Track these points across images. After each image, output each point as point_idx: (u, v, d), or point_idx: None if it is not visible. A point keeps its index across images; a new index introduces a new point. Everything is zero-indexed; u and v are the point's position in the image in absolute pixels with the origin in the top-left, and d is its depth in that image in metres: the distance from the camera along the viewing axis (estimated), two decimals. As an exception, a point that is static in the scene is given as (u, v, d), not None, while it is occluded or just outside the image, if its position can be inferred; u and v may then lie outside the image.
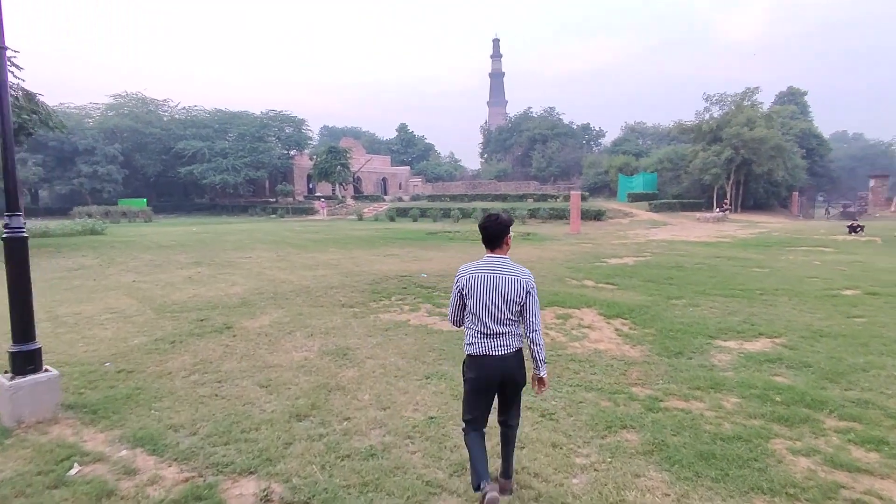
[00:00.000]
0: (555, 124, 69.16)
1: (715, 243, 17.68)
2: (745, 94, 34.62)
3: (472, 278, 2.83)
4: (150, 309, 7.38)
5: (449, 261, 12.70)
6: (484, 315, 2.80)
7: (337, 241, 18.90)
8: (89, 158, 42.98)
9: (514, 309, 2.81)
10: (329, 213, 42.20)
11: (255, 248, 16.40)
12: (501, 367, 2.81)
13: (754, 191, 38.50)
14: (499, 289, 2.79)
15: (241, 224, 33.32)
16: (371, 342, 5.88)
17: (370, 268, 11.57)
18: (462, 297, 2.88)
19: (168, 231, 25.33)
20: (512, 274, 2.82)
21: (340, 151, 48.11)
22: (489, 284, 2.80)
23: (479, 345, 2.82)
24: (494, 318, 2.79)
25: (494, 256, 2.88)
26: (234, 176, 47.61)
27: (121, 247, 16.42)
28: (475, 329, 2.83)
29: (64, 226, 22.80)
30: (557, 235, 21.26)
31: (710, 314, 7.47)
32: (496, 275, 2.81)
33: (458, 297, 2.91)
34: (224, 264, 12.34)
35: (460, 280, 2.88)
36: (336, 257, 13.72)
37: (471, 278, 2.84)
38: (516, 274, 2.83)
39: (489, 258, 2.89)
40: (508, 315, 2.80)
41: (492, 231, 2.88)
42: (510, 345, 2.83)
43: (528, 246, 16.89)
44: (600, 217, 28.54)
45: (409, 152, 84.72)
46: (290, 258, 13.54)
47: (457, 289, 2.90)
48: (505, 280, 2.80)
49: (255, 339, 5.94)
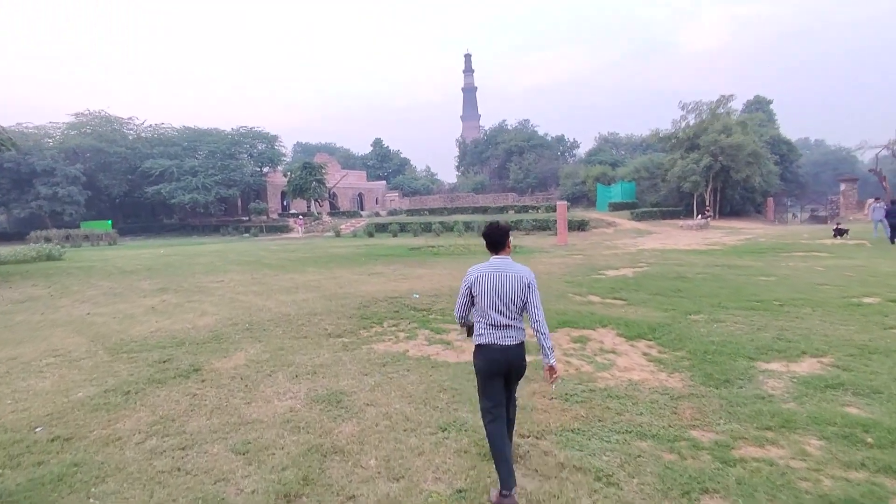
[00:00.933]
0: (530, 136, 69.41)
1: (707, 251, 17.25)
2: (720, 101, 34.95)
3: (482, 277, 3.21)
4: (102, 349, 6.31)
5: (439, 278, 11.83)
6: (491, 309, 3.15)
7: (316, 260, 17.85)
8: (48, 180, 40.78)
9: (517, 303, 3.17)
10: (306, 231, 40.91)
11: (229, 270, 15.25)
12: (507, 356, 3.17)
13: (731, 197, 38.78)
14: (503, 286, 3.16)
15: (213, 244, 31.85)
16: (368, 383, 4.96)
17: (356, 289, 10.62)
18: (471, 294, 3.24)
19: (133, 254, 23.83)
20: (514, 272, 3.20)
21: (315, 167, 46.98)
22: (495, 282, 3.17)
23: (488, 335, 3.17)
24: (501, 312, 3.15)
25: (499, 258, 3.27)
26: (205, 195, 45.90)
27: (78, 274, 15.06)
28: (484, 322, 3.19)
29: (17, 252, 21.14)
30: (545, 247, 20.62)
31: (738, 331, 6.78)
32: (501, 273, 3.19)
33: (466, 294, 3.27)
34: (193, 290, 11.23)
35: (469, 278, 3.26)
36: (317, 278, 12.71)
37: (479, 277, 3.21)
38: (518, 272, 3.21)
39: (494, 260, 3.27)
40: (513, 308, 3.16)
41: (495, 237, 3.31)
42: (514, 337, 3.20)
43: (517, 259, 16.09)
44: (584, 227, 28.11)
45: (385, 167, 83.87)
46: (267, 281, 12.48)
47: (466, 286, 3.27)
48: (509, 278, 3.17)
49: (229, 385, 4.96)
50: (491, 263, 3.26)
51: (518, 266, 3.25)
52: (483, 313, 3.19)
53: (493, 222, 3.40)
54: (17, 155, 40.06)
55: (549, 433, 3.92)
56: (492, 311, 3.15)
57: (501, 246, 3.30)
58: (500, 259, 3.27)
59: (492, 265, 3.24)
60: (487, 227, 3.36)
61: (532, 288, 3.20)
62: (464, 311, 3.34)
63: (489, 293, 3.16)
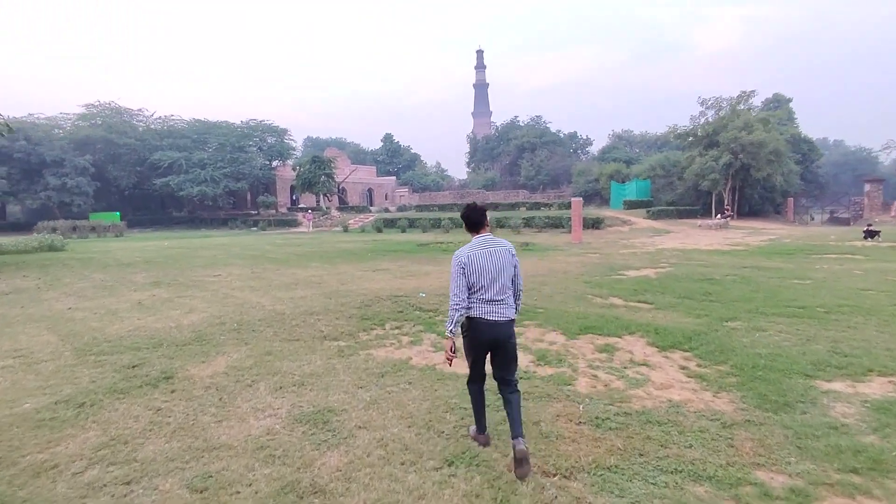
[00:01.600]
0: (542, 132, 68.34)
1: (730, 251, 16.34)
2: (741, 97, 33.79)
3: (475, 256, 3.24)
4: (70, 350, 5.65)
5: (448, 277, 11.10)
6: (489, 286, 3.22)
7: (321, 254, 17.20)
8: (58, 170, 40.55)
9: (509, 276, 3.30)
10: (314, 225, 40.37)
11: (230, 263, 14.64)
12: (494, 331, 3.24)
13: (750, 197, 37.60)
14: (498, 261, 3.26)
15: (220, 238, 31.38)
16: (362, 398, 4.25)
17: (358, 286, 9.93)
18: (466, 275, 3.23)
19: (137, 246, 23.37)
20: (501, 246, 3.33)
21: (325, 161, 46.40)
22: (488, 259, 3.24)
23: (479, 309, 3.22)
24: (497, 287, 3.23)
25: (482, 236, 3.34)
26: (213, 187, 45.49)
27: (75, 265, 14.53)
28: (476, 297, 3.23)
29: (19, 242, 20.75)
30: (559, 245, 19.80)
31: (784, 341, 5.98)
32: (490, 250, 3.28)
33: (461, 275, 3.25)
34: (187, 284, 10.60)
35: (461, 260, 3.26)
36: (319, 274, 12.05)
37: (472, 256, 3.24)
38: (504, 245, 3.35)
39: (480, 238, 3.33)
40: (506, 282, 3.27)
41: (475, 217, 3.38)
42: (504, 313, 3.25)
43: (531, 257, 15.38)
44: (599, 225, 27.21)
45: (395, 162, 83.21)
46: (267, 276, 11.83)
47: (459, 267, 3.26)
48: (498, 253, 3.29)
49: (201, 397, 4.27)
50: (478, 242, 3.30)
51: (500, 239, 3.38)
52: (477, 290, 3.23)
53: (469, 203, 3.48)
54: (27, 145, 39.98)
55: (580, 471, 3.18)
56: (489, 288, 3.22)
57: (482, 225, 3.38)
58: (484, 237, 3.34)
59: (480, 244, 3.29)
60: (466, 209, 3.42)
61: (516, 259, 3.39)
62: (462, 295, 3.25)
63: (488, 270, 3.23)
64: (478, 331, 3.26)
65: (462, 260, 3.26)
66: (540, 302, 8.33)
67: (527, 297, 8.76)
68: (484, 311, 3.22)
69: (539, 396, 4.35)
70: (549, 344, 6.00)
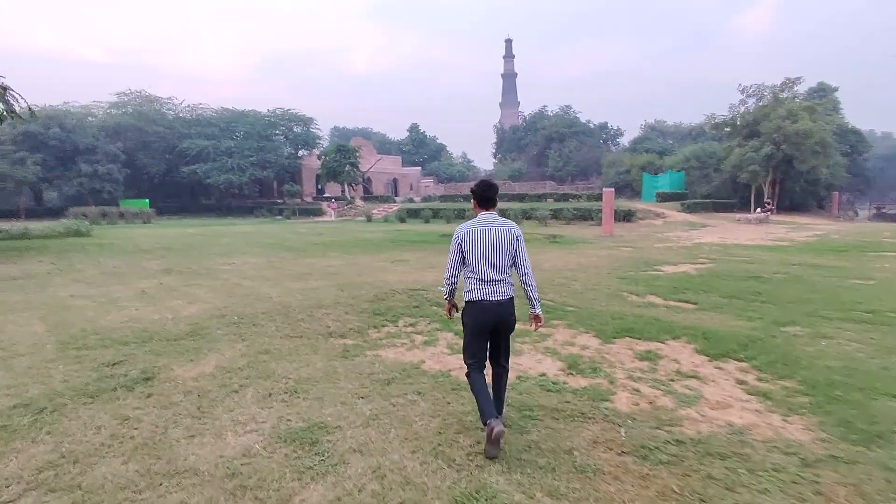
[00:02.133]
0: (572, 122, 66.61)
1: (775, 247, 15.19)
2: (785, 84, 31.86)
3: (472, 233, 3.20)
4: (54, 342, 5.21)
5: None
6: (484, 265, 3.17)
7: (341, 244, 16.73)
8: (90, 157, 41.28)
9: (508, 257, 3.20)
10: (338, 215, 40.15)
11: (247, 252, 14.28)
12: (496, 312, 3.18)
13: (791, 190, 35.65)
14: (494, 240, 3.18)
15: (244, 226, 31.37)
16: (362, 412, 3.63)
17: (374, 277, 9.35)
18: (461, 251, 3.23)
19: (161, 233, 23.39)
20: (504, 226, 3.23)
21: (349, 150, 46.08)
22: (487, 238, 3.18)
23: (478, 291, 3.17)
24: (493, 266, 3.17)
25: (487, 214, 3.26)
26: (240, 176, 45.71)
27: (93, 251, 14.39)
28: (475, 277, 3.19)
29: (46, 227, 20.92)
30: (588, 237, 18.88)
31: (857, 352, 5.13)
32: (492, 228, 3.20)
33: (457, 251, 3.25)
34: (199, 273, 10.20)
35: (459, 235, 3.23)
36: (336, 263, 11.52)
37: (470, 233, 3.20)
38: (507, 225, 3.24)
39: (484, 216, 3.26)
40: (505, 263, 3.19)
41: (489, 192, 3.29)
42: (504, 292, 3.20)
43: (559, 250, 14.56)
44: (630, 218, 26.07)
45: (421, 153, 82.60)
46: (282, 265, 11.37)
47: (456, 243, 3.25)
48: (500, 232, 3.19)
49: (178, 405, 3.72)
50: (480, 220, 3.25)
51: (505, 220, 3.27)
52: (474, 269, 3.19)
53: (484, 179, 3.47)
54: (60, 132, 40.79)
55: (626, 523, 2.49)
56: (484, 267, 3.16)
57: (492, 202, 3.30)
58: (488, 215, 3.26)
59: (481, 221, 3.24)
60: (480, 183, 3.34)
61: (521, 240, 3.25)
62: (456, 269, 3.29)
63: (482, 248, 3.17)
64: (480, 314, 3.17)
65: (460, 235, 3.23)
66: (570, 299, 7.59)
67: (555, 293, 8.03)
68: (484, 293, 3.16)
69: (571, 415, 3.66)
70: (582, 349, 5.28)
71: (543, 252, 13.91)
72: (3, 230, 19.85)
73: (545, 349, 5.25)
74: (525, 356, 5.03)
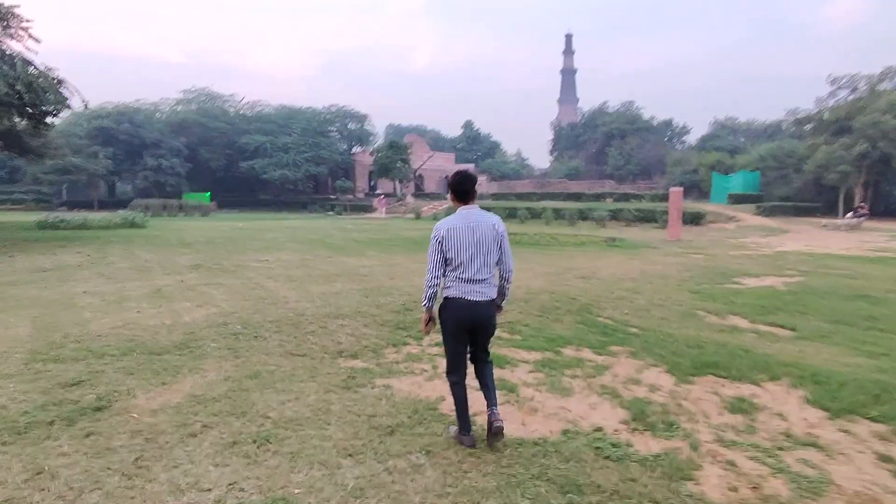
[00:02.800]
0: (634, 119, 63.46)
1: (879, 259, 13.03)
2: (885, 74, 28.35)
3: (455, 230, 2.92)
4: (25, 351, 4.57)
5: (520, 277, 9.35)
6: (467, 263, 2.91)
7: (382, 242, 15.98)
8: (155, 152, 43.14)
9: (493, 253, 2.97)
10: (388, 211, 39.80)
11: (284, 248, 13.77)
12: (474, 313, 2.95)
13: (887, 193, 31.89)
14: (480, 237, 2.93)
15: (294, 220, 31.50)
16: (343, 481, 2.63)
17: (407, 282, 8.41)
18: (442, 250, 2.94)
19: (212, 226, 23.63)
20: (487, 221, 2.98)
21: (401, 147, 45.69)
22: (471, 234, 2.92)
23: (457, 288, 2.94)
24: (477, 264, 2.92)
25: (468, 209, 3.01)
26: (294, 171, 46.40)
27: (137, 243, 14.36)
28: (455, 276, 2.94)
29: (104, 218, 21.54)
30: (651, 241, 17.19)
31: None
32: (475, 224, 2.95)
33: (438, 250, 2.97)
34: (225, 270, 9.66)
35: (439, 233, 2.96)
36: (370, 264, 10.71)
37: (452, 230, 2.93)
38: (490, 220, 3.00)
39: (465, 210, 3.01)
40: (488, 260, 2.95)
41: (465, 185, 3.02)
42: (486, 293, 2.97)
43: (618, 255, 13.12)
44: (699, 220, 23.92)
45: (475, 150, 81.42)
46: (314, 263, 10.68)
47: (436, 241, 2.96)
48: (483, 229, 2.94)
49: (116, 452, 2.86)
50: (460, 215, 3.01)
51: (488, 214, 3.06)
52: (456, 267, 2.94)
53: (460, 170, 3.15)
54: (130, 127, 42.87)
55: None
56: (468, 265, 2.93)
57: (470, 196, 3.05)
58: (470, 209, 3.02)
59: (461, 216, 2.99)
60: (456, 175, 3.07)
61: (505, 236, 3.05)
62: (438, 271, 2.99)
63: (465, 246, 2.92)
64: (456, 312, 2.97)
65: (440, 233, 2.97)
66: (633, 318, 6.34)
67: (614, 309, 6.79)
68: (462, 291, 2.95)
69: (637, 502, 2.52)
70: (651, 389, 4.09)
71: (601, 257, 12.53)
72: (65, 220, 20.55)
73: (602, 388, 4.09)
74: (575, 398, 3.90)
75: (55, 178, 40.53)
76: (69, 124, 44.87)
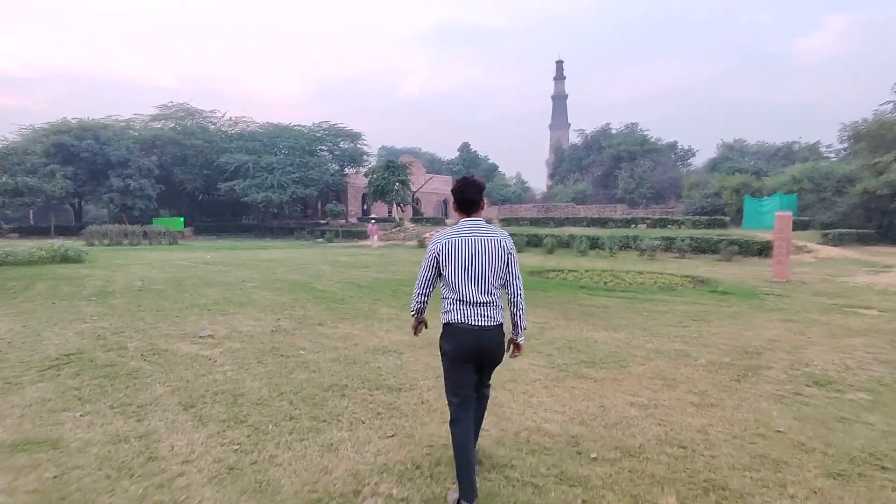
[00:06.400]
0: (643, 140, 60.16)
1: None
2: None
3: (452, 243, 2.59)
4: None
5: (641, 379, 4.82)
6: (467, 283, 2.56)
7: (393, 285, 11.40)
8: (122, 171, 38.28)
9: (498, 274, 2.60)
10: (384, 238, 35.16)
11: (252, 301, 9.15)
12: (480, 340, 2.56)
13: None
14: (480, 252, 2.57)
15: (277, 250, 26.79)
16: None
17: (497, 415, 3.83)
18: (437, 265, 2.64)
19: (170, 260, 18.87)
20: (492, 235, 2.62)
21: (399, 167, 41.49)
22: (471, 248, 2.57)
23: (457, 313, 2.58)
24: (478, 284, 2.56)
25: (471, 220, 2.66)
26: (280, 194, 41.71)
27: (38, 288, 9.64)
28: (453, 297, 2.59)
29: (27, 250, 16.70)
30: (749, 282, 12.79)
31: None
32: (477, 238, 2.59)
33: (432, 266, 2.66)
34: (117, 373, 5.01)
35: (436, 246, 2.64)
36: (393, 342, 6.13)
37: (450, 243, 2.60)
38: (496, 235, 2.63)
39: (467, 222, 2.66)
40: (492, 281, 2.59)
41: (470, 193, 2.67)
42: (492, 316, 2.59)
43: (734, 318, 8.65)
44: (767, 252, 19.67)
45: (472, 173, 77.50)
46: (295, 342, 6.09)
47: (432, 255, 2.64)
48: (486, 242, 2.59)
49: None
50: (461, 226, 2.64)
51: (494, 228, 2.69)
52: (454, 287, 2.57)
53: (466, 176, 2.78)
54: (94, 144, 38.13)
55: None
56: (467, 285, 2.55)
57: (476, 205, 2.68)
58: (474, 221, 2.65)
59: (463, 228, 2.62)
60: (460, 182, 2.70)
61: (513, 255, 2.65)
62: (426, 289, 2.72)
63: (463, 262, 2.55)
64: (459, 340, 2.55)
65: (437, 247, 2.62)
66: None
67: None
68: (464, 315, 2.54)
69: None
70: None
71: (712, 321, 8.04)
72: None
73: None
74: None
75: (7, 200, 35.50)
76: (28, 141, 40.12)
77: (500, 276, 2.58)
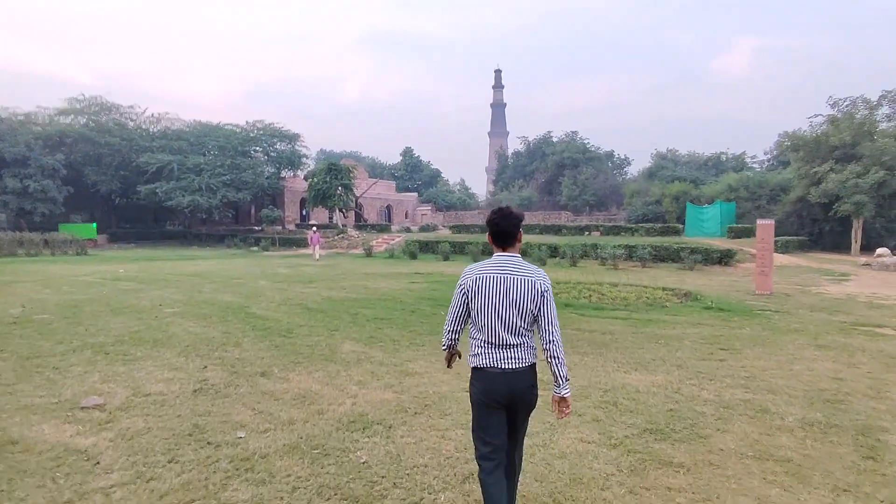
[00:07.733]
0: (584, 149, 60.91)
1: None
2: (882, 98, 26.14)
3: (482, 279, 2.37)
4: None
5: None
6: (494, 322, 2.35)
7: (351, 307, 9.51)
8: (19, 171, 33.35)
9: (527, 315, 2.35)
10: (323, 248, 32.41)
11: (170, 339, 7.03)
12: (510, 384, 2.35)
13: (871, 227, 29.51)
14: (511, 291, 2.34)
15: (206, 260, 23.88)
16: None
17: None
18: (467, 302, 2.42)
19: (71, 276, 15.87)
20: (525, 274, 2.37)
21: (342, 170, 39.08)
22: (500, 286, 2.35)
23: (486, 356, 2.38)
24: (506, 325, 2.34)
25: (505, 255, 2.42)
26: (209, 198, 38.03)
27: None
28: (481, 338, 2.40)
29: None
30: (733, 295, 12.01)
31: None
32: (507, 275, 2.36)
33: (462, 303, 2.44)
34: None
35: (466, 281, 2.42)
36: (369, 405, 4.38)
37: (480, 279, 2.38)
38: (530, 274, 2.38)
39: (500, 257, 2.42)
40: (521, 323, 2.35)
41: (505, 226, 2.40)
42: (522, 358, 2.38)
43: (759, 344, 7.61)
44: (729, 261, 19.41)
45: (415, 178, 76.14)
46: (227, 413, 4.19)
47: (461, 292, 2.43)
48: (517, 281, 2.35)
49: None
50: (493, 262, 2.41)
51: (530, 266, 2.41)
52: (482, 327, 2.38)
53: (501, 207, 2.48)
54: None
55: None
56: (495, 326, 2.34)
57: (512, 238, 2.41)
58: (508, 256, 2.41)
59: (496, 263, 2.39)
60: (495, 214, 2.44)
61: (548, 297, 2.36)
62: (457, 326, 2.51)
63: (493, 301, 2.34)
64: (489, 385, 2.35)
65: (466, 281, 2.40)
66: None
67: None
68: (493, 359, 2.35)
69: None
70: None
71: (740, 349, 6.91)
72: None
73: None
74: None
75: None
76: None
77: (529, 318, 2.33)
